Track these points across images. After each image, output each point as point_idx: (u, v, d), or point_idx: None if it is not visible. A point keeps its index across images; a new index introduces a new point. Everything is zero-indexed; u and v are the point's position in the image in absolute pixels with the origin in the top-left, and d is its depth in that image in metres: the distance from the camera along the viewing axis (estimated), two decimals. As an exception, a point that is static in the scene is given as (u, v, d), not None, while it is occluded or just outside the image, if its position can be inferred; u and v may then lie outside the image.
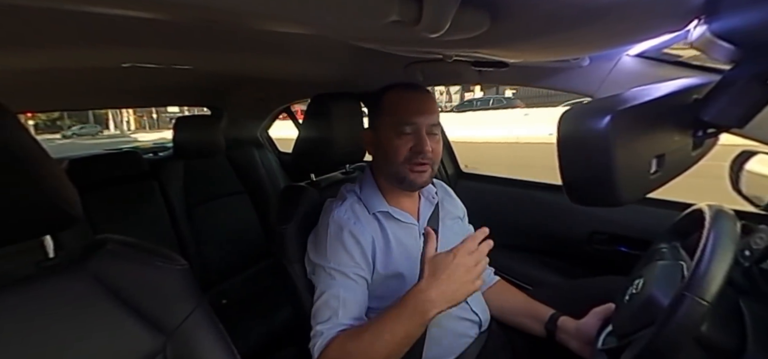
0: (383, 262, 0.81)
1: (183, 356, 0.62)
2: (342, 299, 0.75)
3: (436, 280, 0.65)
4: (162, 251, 0.65)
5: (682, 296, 0.48)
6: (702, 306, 0.47)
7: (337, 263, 0.77)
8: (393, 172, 0.82)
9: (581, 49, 0.71)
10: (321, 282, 0.78)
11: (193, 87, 1.56)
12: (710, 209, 0.58)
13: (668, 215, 0.98)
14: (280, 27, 0.43)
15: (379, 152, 0.85)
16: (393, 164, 0.81)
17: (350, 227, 0.79)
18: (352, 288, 0.77)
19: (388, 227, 0.84)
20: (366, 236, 0.80)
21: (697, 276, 0.48)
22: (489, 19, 0.44)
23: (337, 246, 0.78)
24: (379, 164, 0.86)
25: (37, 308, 0.52)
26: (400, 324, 0.66)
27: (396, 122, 0.80)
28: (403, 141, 0.80)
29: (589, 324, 0.79)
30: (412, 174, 0.80)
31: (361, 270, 0.78)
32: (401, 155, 0.80)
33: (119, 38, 0.60)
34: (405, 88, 0.85)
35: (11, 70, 0.75)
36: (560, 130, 0.37)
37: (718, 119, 0.41)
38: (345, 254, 0.77)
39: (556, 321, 0.86)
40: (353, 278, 0.77)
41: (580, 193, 0.39)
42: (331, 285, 0.76)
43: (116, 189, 1.51)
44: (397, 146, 0.80)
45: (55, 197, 0.52)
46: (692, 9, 0.43)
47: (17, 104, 1.23)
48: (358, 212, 0.82)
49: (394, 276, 0.82)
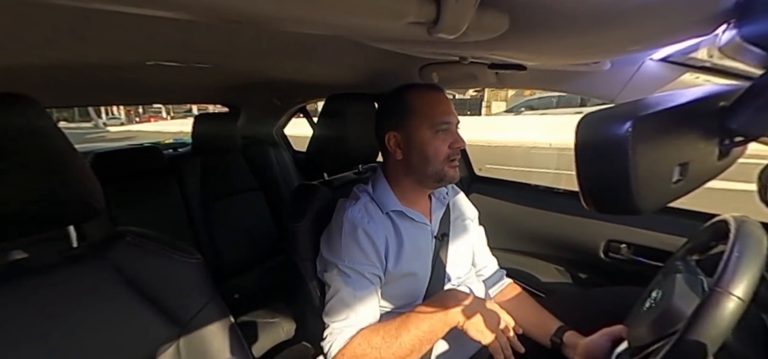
0: (396, 261, 0.81)
1: (195, 347, 0.64)
2: (358, 297, 0.76)
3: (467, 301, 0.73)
4: (178, 244, 0.67)
5: (712, 291, 0.46)
6: (735, 302, 0.44)
7: (352, 262, 0.77)
8: (433, 171, 0.82)
9: (604, 53, 0.69)
10: (335, 280, 0.78)
11: (212, 85, 1.60)
12: (735, 221, 0.55)
13: (689, 226, 0.95)
14: (300, 29, 0.44)
15: (413, 153, 0.83)
16: (434, 163, 0.82)
17: (364, 226, 0.79)
18: (368, 287, 0.77)
19: (401, 226, 0.84)
20: (379, 235, 0.80)
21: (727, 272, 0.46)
22: (508, 20, 0.43)
23: (352, 245, 0.78)
24: (413, 165, 0.84)
25: (60, 295, 0.54)
26: (425, 320, 0.71)
27: (433, 123, 0.81)
28: (441, 140, 0.81)
29: (597, 343, 0.77)
30: (451, 170, 0.83)
31: (375, 268, 0.79)
32: (442, 153, 0.81)
33: (146, 37, 0.62)
34: (429, 89, 0.86)
35: (39, 67, 0.79)
36: (578, 135, 0.36)
37: (746, 127, 0.40)
38: (360, 252, 0.78)
39: (562, 336, 0.84)
40: (368, 277, 0.78)
41: (598, 201, 0.38)
42: (347, 282, 0.77)
43: (136, 183, 1.55)
44: (437, 146, 0.81)
45: (81, 190, 0.54)
46: (722, 12, 0.41)
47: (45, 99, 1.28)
48: (372, 212, 0.83)
49: (405, 276, 0.82)
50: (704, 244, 0.69)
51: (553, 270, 1.33)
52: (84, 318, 0.55)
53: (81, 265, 0.57)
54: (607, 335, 0.76)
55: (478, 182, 1.58)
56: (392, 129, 0.85)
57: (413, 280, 0.84)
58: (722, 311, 0.45)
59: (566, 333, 0.84)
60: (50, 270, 0.55)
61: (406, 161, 0.85)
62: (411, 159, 0.84)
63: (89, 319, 0.55)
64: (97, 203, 0.56)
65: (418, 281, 0.85)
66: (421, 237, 0.86)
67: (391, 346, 0.70)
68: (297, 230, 0.89)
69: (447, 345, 0.84)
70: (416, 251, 0.84)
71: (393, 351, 0.70)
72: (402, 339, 0.70)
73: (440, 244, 0.88)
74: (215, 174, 1.74)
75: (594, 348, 0.77)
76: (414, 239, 0.85)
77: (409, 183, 0.86)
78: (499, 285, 1.00)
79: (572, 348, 0.81)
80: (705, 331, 0.46)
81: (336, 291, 0.78)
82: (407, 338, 0.70)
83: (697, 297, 0.55)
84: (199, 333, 0.64)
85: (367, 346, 0.72)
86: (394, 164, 0.88)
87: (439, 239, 0.88)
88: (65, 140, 0.54)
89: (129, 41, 0.65)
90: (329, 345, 0.75)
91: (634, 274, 1.10)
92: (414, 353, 0.71)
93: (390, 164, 0.89)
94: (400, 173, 0.87)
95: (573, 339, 0.82)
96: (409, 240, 0.84)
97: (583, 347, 0.79)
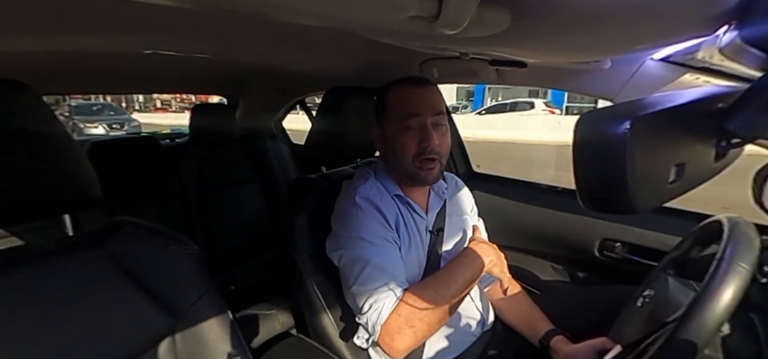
0: (403, 244, 0.82)
1: (191, 338, 0.64)
2: (391, 261, 0.76)
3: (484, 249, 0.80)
4: (175, 235, 0.66)
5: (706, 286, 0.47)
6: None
7: (376, 234, 0.77)
8: (403, 169, 0.81)
9: (605, 51, 0.69)
10: (361, 249, 0.76)
11: (210, 75, 1.59)
12: (729, 221, 0.56)
13: (684, 226, 0.95)
14: (301, 19, 0.44)
15: (388, 150, 0.84)
16: (402, 161, 0.80)
17: (377, 203, 0.80)
18: (395, 252, 0.78)
19: (405, 212, 0.85)
20: (391, 213, 0.81)
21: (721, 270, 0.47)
22: (510, 17, 0.43)
23: (370, 217, 0.78)
24: (389, 162, 0.86)
25: (56, 284, 0.54)
26: (465, 269, 0.77)
27: (400, 118, 0.79)
28: (410, 137, 0.78)
29: (582, 353, 0.78)
30: (423, 172, 0.79)
31: (396, 237, 0.80)
32: (410, 151, 0.78)
33: (143, 25, 0.61)
34: (408, 83, 0.83)
35: (36, 54, 0.78)
36: (577, 133, 0.36)
37: (743, 129, 0.40)
38: (380, 225, 0.78)
39: (550, 340, 0.85)
40: (392, 242, 0.79)
41: (595, 199, 0.38)
42: (375, 251, 0.75)
43: (133, 173, 1.55)
44: (404, 143, 0.78)
45: (76, 178, 0.54)
46: (723, 14, 0.41)
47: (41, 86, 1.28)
48: (381, 191, 0.84)
49: (405, 263, 0.82)
50: (698, 244, 0.70)
51: (548, 268, 1.34)
52: (79, 307, 0.55)
53: (76, 254, 0.57)
54: (591, 346, 0.77)
55: (476, 179, 1.59)
56: (376, 124, 0.86)
57: (408, 271, 0.84)
58: (716, 306, 0.46)
59: (554, 338, 0.85)
60: (45, 259, 0.55)
61: (385, 157, 0.86)
62: (387, 155, 0.85)
63: (84, 309, 0.55)
64: (93, 192, 0.56)
65: (413, 274, 0.85)
66: (419, 230, 0.87)
67: (444, 296, 0.73)
68: (294, 223, 0.89)
69: (446, 341, 0.84)
70: (415, 242, 0.85)
71: (446, 301, 0.73)
72: (451, 289, 0.73)
73: (435, 239, 0.88)
74: (213, 166, 1.73)
75: (579, 356, 0.78)
76: (413, 229, 0.85)
77: (398, 177, 0.87)
78: (493, 281, 1.01)
79: (557, 353, 0.83)
80: (698, 325, 0.46)
81: (365, 262, 0.74)
82: (455, 286, 0.74)
83: (691, 292, 0.56)
84: (195, 324, 0.64)
85: (422, 304, 0.72)
86: (384, 161, 0.89)
87: (435, 234, 0.89)
88: (61, 127, 0.54)
89: (127, 29, 0.64)
90: (378, 312, 0.72)
91: (628, 273, 1.11)
92: (458, 301, 0.76)
93: (383, 160, 0.90)
94: (389, 168, 0.88)
95: (558, 345, 0.83)
96: (412, 228, 0.85)
97: (565, 354, 0.80)
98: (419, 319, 0.71)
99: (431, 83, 0.85)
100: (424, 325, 0.71)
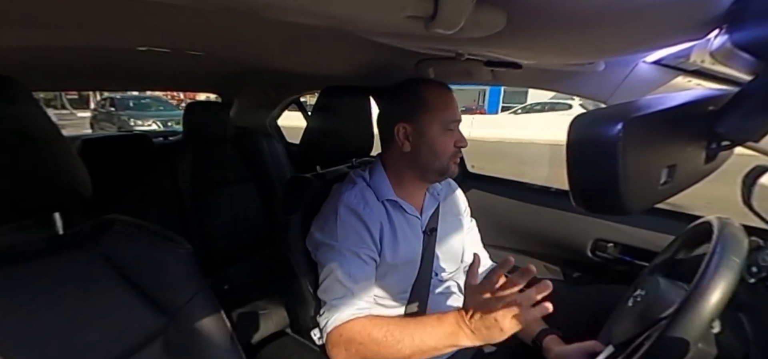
0: (389, 250, 0.82)
1: (183, 338, 0.63)
2: (354, 277, 0.76)
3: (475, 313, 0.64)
4: (168, 234, 0.66)
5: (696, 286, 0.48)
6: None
7: (349, 243, 0.78)
8: (438, 166, 0.84)
9: (598, 53, 0.70)
10: (330, 260, 0.78)
11: (204, 73, 1.57)
12: (718, 222, 0.57)
13: (674, 226, 0.97)
14: (296, 18, 0.43)
15: (422, 147, 0.83)
16: (441, 159, 0.83)
17: (360, 211, 0.80)
18: (364, 269, 0.78)
19: (394, 216, 0.85)
20: (375, 222, 0.81)
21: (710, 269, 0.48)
22: (505, 18, 0.43)
23: (348, 228, 0.79)
24: (421, 158, 0.84)
25: (46, 282, 0.53)
26: (432, 338, 0.68)
27: (445, 120, 0.82)
28: (449, 137, 0.83)
29: (573, 355, 0.78)
30: (453, 166, 0.86)
31: (372, 252, 0.80)
32: (449, 150, 0.83)
33: (136, 22, 0.60)
34: (441, 86, 0.86)
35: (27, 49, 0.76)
36: (571, 135, 0.37)
37: (733, 132, 0.40)
38: (356, 236, 0.79)
39: (542, 339, 0.86)
40: (364, 258, 0.79)
41: (587, 200, 0.39)
42: (343, 262, 0.77)
43: (126, 171, 1.53)
44: (444, 143, 0.83)
45: (66, 175, 0.53)
46: (715, 18, 0.42)
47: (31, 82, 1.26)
48: (368, 198, 0.83)
49: (395, 266, 0.83)
50: (689, 244, 0.71)
51: (542, 268, 1.35)
52: (69, 307, 0.54)
53: (67, 253, 0.56)
54: (582, 349, 0.78)
55: (470, 179, 1.59)
56: (403, 120, 0.84)
57: (402, 272, 0.84)
58: (705, 305, 0.47)
59: (546, 338, 0.85)
60: (35, 257, 0.54)
61: (414, 154, 0.85)
62: (419, 152, 0.84)
63: (75, 308, 0.55)
64: (84, 189, 0.55)
65: (407, 274, 0.86)
66: (412, 230, 0.87)
67: (392, 347, 0.69)
68: (289, 222, 0.89)
69: None
70: (407, 244, 0.85)
71: (391, 353, 0.69)
72: (403, 344, 0.69)
73: (429, 239, 0.89)
74: (206, 164, 1.71)
75: (570, 357, 0.78)
76: (406, 231, 0.85)
77: (409, 175, 0.87)
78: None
79: (548, 353, 0.83)
80: (688, 324, 0.47)
81: (330, 271, 0.78)
82: (409, 344, 0.68)
83: (681, 292, 0.57)
84: (188, 323, 0.64)
85: (367, 337, 0.71)
86: (398, 154, 0.87)
87: (428, 234, 0.89)
88: (51, 123, 0.53)
89: (119, 25, 0.63)
90: (326, 320, 0.76)
91: (620, 272, 1.12)
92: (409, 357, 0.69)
93: (393, 154, 0.88)
94: (403, 165, 0.87)
95: (550, 345, 0.84)
96: (402, 231, 0.85)
97: (555, 355, 0.81)
98: (355, 349, 0.72)
99: None
100: (359, 356, 0.72)
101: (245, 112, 1.98)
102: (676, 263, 0.72)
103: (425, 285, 0.87)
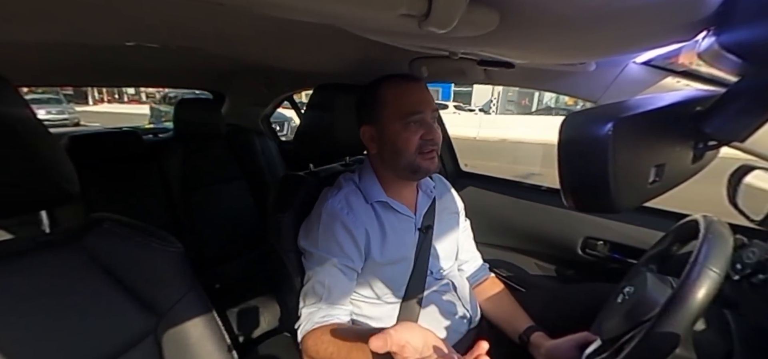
0: (379, 250, 0.82)
1: (174, 337, 0.63)
2: (327, 287, 0.77)
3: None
4: (158, 232, 0.65)
5: (683, 283, 0.49)
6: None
7: (327, 251, 0.78)
8: (405, 164, 0.82)
9: (589, 53, 0.70)
10: (309, 266, 0.80)
11: (196, 70, 1.55)
12: (705, 220, 0.58)
13: (663, 224, 0.99)
14: (288, 14, 0.43)
15: (385, 147, 0.83)
16: (405, 156, 0.81)
17: (343, 218, 0.79)
18: (339, 278, 0.78)
19: (384, 217, 0.85)
20: (358, 228, 0.80)
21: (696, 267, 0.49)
22: (498, 17, 0.43)
23: (328, 236, 0.79)
24: (386, 159, 0.84)
25: (32, 282, 0.52)
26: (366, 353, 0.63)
27: (403, 115, 0.80)
28: (412, 132, 0.80)
29: (561, 348, 0.79)
30: (425, 162, 0.81)
31: (350, 261, 0.79)
32: (412, 145, 0.80)
33: (124, 16, 0.59)
34: (402, 79, 0.84)
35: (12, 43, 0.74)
36: (562, 134, 0.37)
37: (719, 132, 0.41)
38: (335, 244, 0.78)
39: (530, 335, 0.86)
40: (340, 268, 0.78)
41: (578, 198, 0.39)
42: (319, 271, 0.78)
43: (114, 168, 1.50)
44: (406, 138, 0.80)
45: (52, 173, 0.52)
46: (703, 20, 0.43)
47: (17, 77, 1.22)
48: (353, 203, 0.83)
49: (389, 264, 0.83)
50: (676, 242, 0.72)
51: (533, 265, 1.36)
52: (55, 306, 0.53)
53: (54, 252, 0.55)
54: (573, 341, 0.79)
55: (463, 178, 1.60)
56: (366, 123, 0.85)
57: (395, 270, 0.84)
58: (690, 303, 0.48)
59: (534, 334, 0.86)
60: (21, 257, 0.53)
61: (380, 155, 0.85)
62: (384, 153, 0.84)
63: (61, 308, 0.54)
64: (71, 187, 0.54)
65: (400, 271, 0.86)
66: (405, 229, 0.87)
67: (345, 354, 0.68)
68: (281, 220, 0.88)
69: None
70: (400, 243, 0.85)
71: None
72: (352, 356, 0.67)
73: (424, 237, 0.89)
74: (198, 161, 1.69)
75: (558, 352, 0.79)
76: (398, 230, 0.85)
77: (390, 175, 0.87)
78: (479, 279, 1.02)
79: (537, 348, 0.84)
80: (676, 320, 0.48)
81: (308, 278, 0.80)
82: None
83: (668, 289, 0.58)
84: (178, 323, 0.63)
85: (316, 349, 0.72)
86: (372, 157, 0.88)
87: (423, 232, 0.89)
88: (35, 119, 0.51)
89: (107, 19, 0.62)
90: (298, 326, 0.78)
91: (610, 270, 1.14)
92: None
93: (370, 157, 0.89)
94: (380, 166, 0.87)
95: (539, 341, 0.84)
96: (393, 231, 0.84)
97: (547, 349, 0.82)
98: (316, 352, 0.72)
99: (421, 79, 0.85)
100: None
101: (237, 109, 1.96)
102: (665, 259, 0.74)
103: (421, 282, 0.88)
